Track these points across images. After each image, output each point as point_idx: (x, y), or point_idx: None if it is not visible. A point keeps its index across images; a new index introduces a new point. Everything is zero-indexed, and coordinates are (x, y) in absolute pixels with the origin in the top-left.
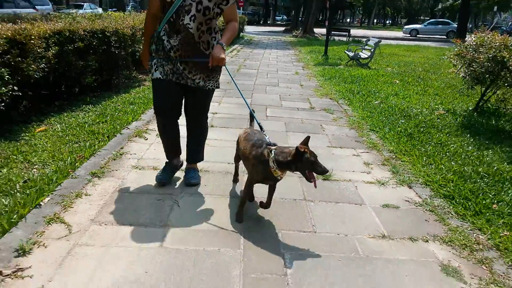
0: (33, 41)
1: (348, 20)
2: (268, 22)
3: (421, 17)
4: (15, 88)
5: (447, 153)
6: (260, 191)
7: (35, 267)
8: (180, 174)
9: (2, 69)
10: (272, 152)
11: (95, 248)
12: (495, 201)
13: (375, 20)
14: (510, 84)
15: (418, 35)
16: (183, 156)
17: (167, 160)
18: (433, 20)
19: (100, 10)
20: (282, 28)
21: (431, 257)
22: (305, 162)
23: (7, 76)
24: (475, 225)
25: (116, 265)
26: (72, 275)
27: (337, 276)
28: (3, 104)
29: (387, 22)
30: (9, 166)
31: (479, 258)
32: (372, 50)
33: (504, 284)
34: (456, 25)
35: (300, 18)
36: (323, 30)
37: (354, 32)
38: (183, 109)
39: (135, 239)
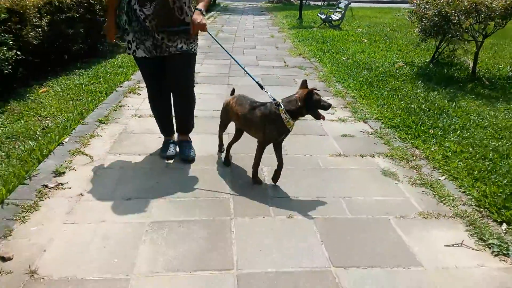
0: (29, 11)
1: None
2: None
3: None
4: (18, 53)
5: (399, 96)
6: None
7: (70, 183)
8: None
9: (6, 36)
10: (281, 105)
11: (114, 170)
12: (432, 128)
13: None
14: (453, 36)
15: None
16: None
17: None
18: None
19: None
20: None
21: (375, 166)
22: (315, 102)
23: (11, 42)
24: (413, 144)
25: (133, 180)
26: (100, 187)
27: (302, 180)
28: (10, 67)
29: None
30: (24, 119)
31: (412, 165)
32: (342, 12)
33: (427, 181)
34: None
35: None
36: None
37: None
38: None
39: (145, 164)
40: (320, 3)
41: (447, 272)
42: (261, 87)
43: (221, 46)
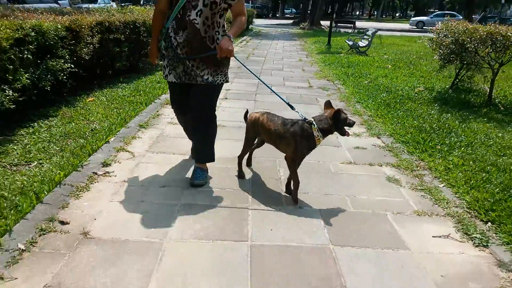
0: (83, 30)
1: (358, 12)
2: (277, 15)
3: (430, 9)
4: (72, 66)
5: (413, 116)
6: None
7: (116, 172)
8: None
9: (64, 51)
10: (314, 123)
11: (153, 164)
12: (439, 144)
13: (384, 13)
14: (470, 63)
15: (424, 27)
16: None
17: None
18: (439, 12)
19: (113, 4)
20: (290, 21)
21: (381, 174)
22: (343, 120)
23: (67, 56)
24: (419, 157)
25: (167, 173)
26: (140, 176)
27: (315, 182)
28: (64, 77)
29: (397, 14)
30: (74, 122)
31: (415, 174)
32: (369, 39)
33: (427, 187)
34: (461, 17)
35: (308, 11)
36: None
37: (361, 24)
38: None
39: (177, 161)
40: (350, 31)
41: (430, 256)
42: (292, 107)
43: (248, 69)
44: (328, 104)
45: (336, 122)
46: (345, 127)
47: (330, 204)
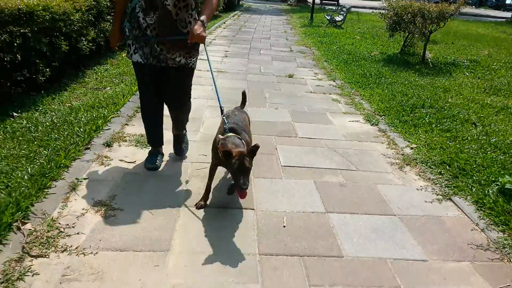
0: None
1: None
2: None
3: None
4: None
5: (362, 68)
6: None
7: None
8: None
9: (108, 17)
10: (220, 141)
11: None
12: (372, 83)
13: None
14: (410, 32)
15: None
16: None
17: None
18: None
19: None
20: None
21: (329, 98)
22: (230, 165)
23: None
24: (356, 90)
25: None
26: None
27: (288, 100)
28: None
29: None
30: (121, 68)
31: (350, 98)
32: (344, 14)
33: (354, 103)
34: None
35: None
36: (317, 0)
37: (347, 2)
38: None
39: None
40: (334, 8)
41: (344, 127)
42: (222, 111)
43: (209, 64)
44: (252, 148)
45: (227, 163)
46: (240, 179)
47: (295, 108)
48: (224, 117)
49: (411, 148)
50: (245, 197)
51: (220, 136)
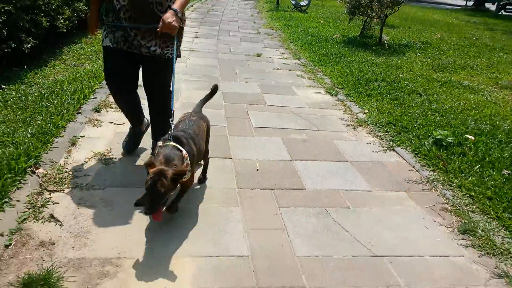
0: None
1: None
2: None
3: None
4: (87, 7)
5: (324, 49)
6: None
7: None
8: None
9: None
10: (157, 148)
11: None
12: (333, 62)
13: None
14: (368, 16)
15: None
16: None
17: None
18: None
19: None
20: None
21: (294, 74)
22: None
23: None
24: (319, 67)
25: None
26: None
27: (256, 76)
28: (83, 16)
29: None
30: (95, 46)
31: (313, 74)
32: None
33: (317, 78)
34: None
35: None
36: None
37: None
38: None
39: None
40: None
41: (308, 98)
42: (171, 115)
43: (174, 60)
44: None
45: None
46: (148, 202)
47: (264, 82)
48: (171, 122)
49: (364, 113)
50: (158, 220)
51: (160, 143)
